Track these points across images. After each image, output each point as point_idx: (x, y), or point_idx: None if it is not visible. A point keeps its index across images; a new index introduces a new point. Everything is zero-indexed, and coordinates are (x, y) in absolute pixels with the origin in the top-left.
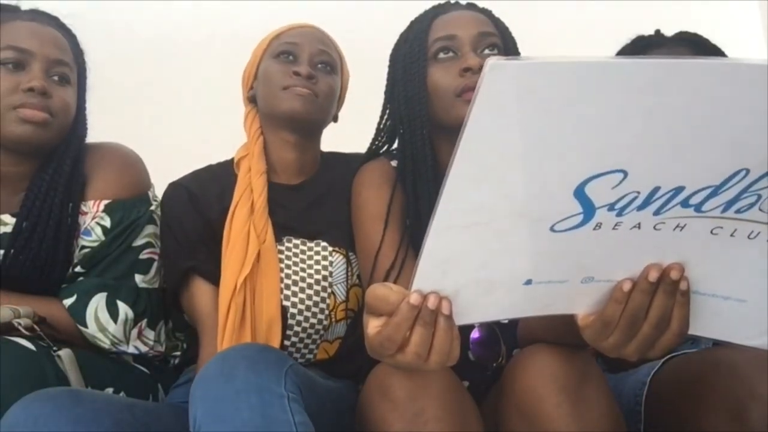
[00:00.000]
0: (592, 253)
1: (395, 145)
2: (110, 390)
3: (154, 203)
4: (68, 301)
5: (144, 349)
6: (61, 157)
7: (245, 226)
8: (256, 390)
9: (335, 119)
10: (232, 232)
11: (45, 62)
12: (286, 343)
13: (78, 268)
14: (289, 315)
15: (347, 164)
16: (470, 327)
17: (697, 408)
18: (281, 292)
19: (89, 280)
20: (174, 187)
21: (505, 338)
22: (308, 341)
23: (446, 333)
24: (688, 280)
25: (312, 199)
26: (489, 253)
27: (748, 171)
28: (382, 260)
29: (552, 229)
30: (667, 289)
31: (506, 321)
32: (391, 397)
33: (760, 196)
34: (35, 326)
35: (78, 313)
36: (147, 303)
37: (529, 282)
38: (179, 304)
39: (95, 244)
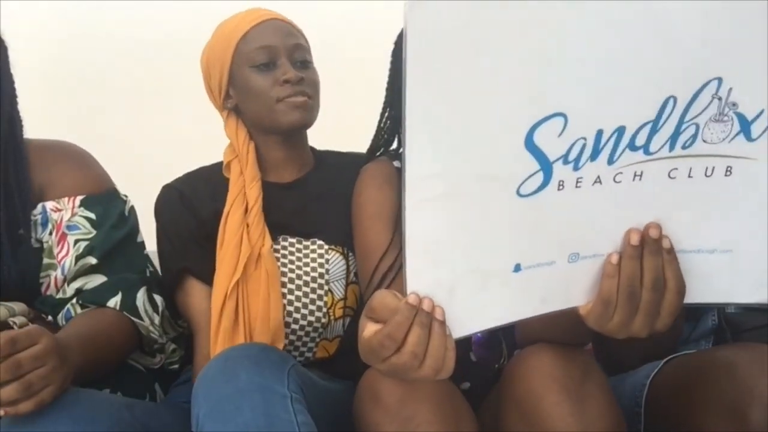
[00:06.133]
0: (567, 221)
1: (395, 144)
2: (107, 390)
3: (126, 197)
4: (115, 300)
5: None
6: None
7: (239, 230)
8: (258, 390)
9: None
10: (225, 237)
11: None
12: (285, 341)
13: (89, 259)
14: (286, 313)
15: (342, 163)
16: None
17: (697, 408)
18: (281, 299)
19: (127, 276)
20: (166, 190)
21: (507, 339)
22: (307, 339)
23: (441, 338)
24: (669, 238)
25: (307, 197)
26: (469, 234)
27: (675, 99)
28: (383, 261)
29: (519, 193)
30: (652, 249)
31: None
32: (382, 403)
33: (697, 126)
34: (30, 324)
35: (131, 307)
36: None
37: (518, 268)
38: (175, 306)
39: (91, 235)
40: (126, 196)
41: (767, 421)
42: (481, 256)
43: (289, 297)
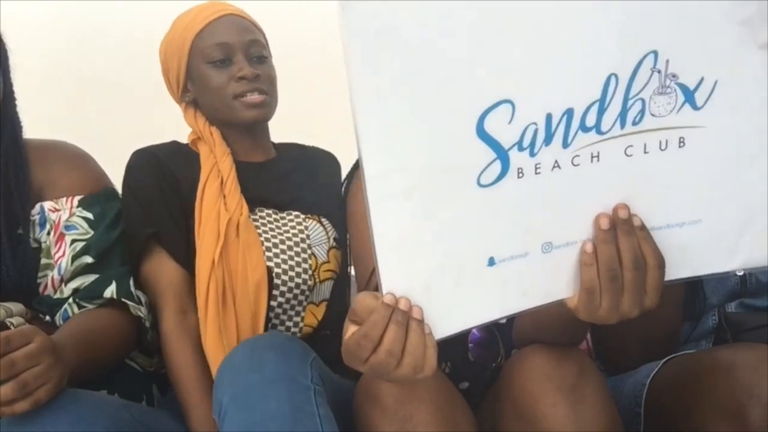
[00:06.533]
0: (534, 210)
1: None
2: (104, 391)
3: None
4: (111, 289)
5: None
6: None
7: (217, 201)
8: (284, 380)
9: None
10: (203, 212)
11: None
12: (273, 303)
13: (84, 258)
14: (274, 275)
15: (303, 152)
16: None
17: (697, 409)
18: (263, 254)
19: (118, 269)
20: (140, 153)
21: (504, 339)
22: (294, 302)
23: (419, 336)
24: (638, 216)
25: (278, 174)
26: (436, 228)
27: (617, 76)
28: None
29: (479, 183)
30: (625, 230)
31: (504, 321)
32: (380, 404)
33: (643, 101)
34: (27, 324)
35: (127, 293)
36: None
37: (492, 262)
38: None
39: (88, 236)
40: None
41: (767, 421)
42: (452, 251)
43: (275, 260)
